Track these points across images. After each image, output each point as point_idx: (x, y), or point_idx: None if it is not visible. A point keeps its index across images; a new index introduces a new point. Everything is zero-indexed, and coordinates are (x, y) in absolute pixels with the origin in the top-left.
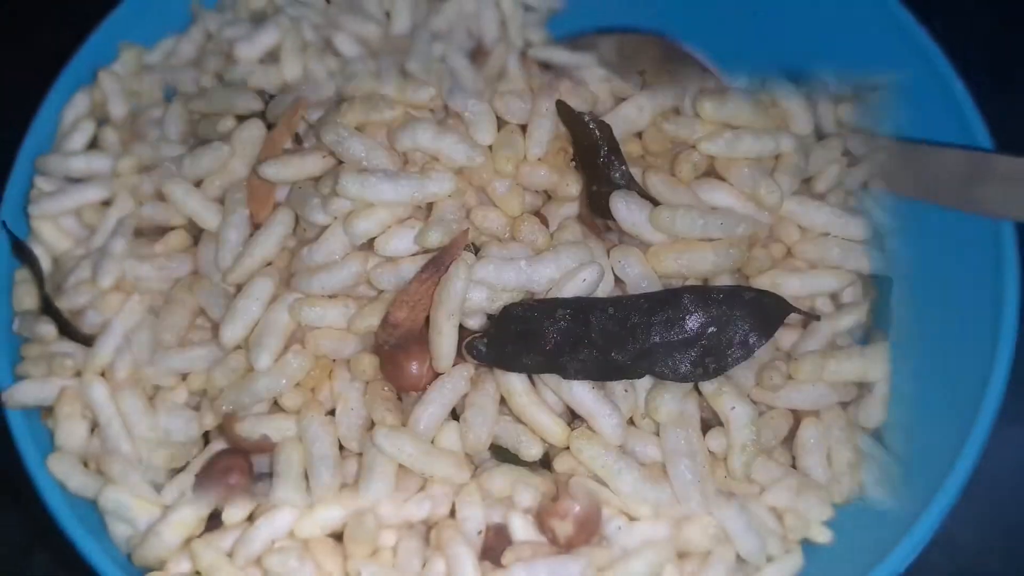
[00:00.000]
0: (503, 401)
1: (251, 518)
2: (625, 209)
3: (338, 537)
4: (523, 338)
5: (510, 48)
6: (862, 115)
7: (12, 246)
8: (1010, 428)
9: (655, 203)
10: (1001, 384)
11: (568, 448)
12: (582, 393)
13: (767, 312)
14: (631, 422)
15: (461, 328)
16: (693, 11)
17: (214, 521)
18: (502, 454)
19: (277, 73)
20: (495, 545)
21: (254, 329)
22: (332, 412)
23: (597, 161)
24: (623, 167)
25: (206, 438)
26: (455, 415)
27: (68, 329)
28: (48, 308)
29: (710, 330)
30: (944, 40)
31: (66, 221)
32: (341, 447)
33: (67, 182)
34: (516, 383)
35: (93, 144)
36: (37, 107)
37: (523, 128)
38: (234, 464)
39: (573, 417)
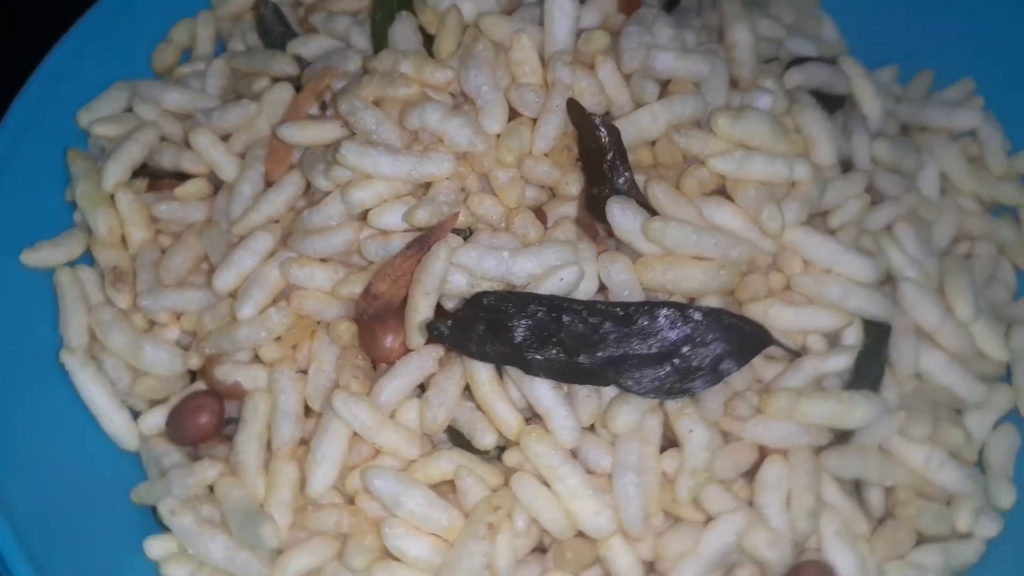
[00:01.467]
0: (469, 388)
1: None
2: (620, 215)
3: None
4: (491, 327)
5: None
6: (900, 154)
7: None
8: None
9: (654, 213)
10: None
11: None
12: (542, 391)
13: (745, 340)
14: (591, 429)
15: (440, 309)
16: None
17: None
18: (458, 439)
19: (315, 42)
20: None
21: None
22: (307, 371)
23: (602, 164)
24: (627, 173)
25: (195, 378)
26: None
27: None
28: None
29: (683, 349)
30: None
31: None
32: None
33: None
34: (482, 371)
35: None
36: None
37: (536, 122)
38: (206, 404)
39: (534, 414)
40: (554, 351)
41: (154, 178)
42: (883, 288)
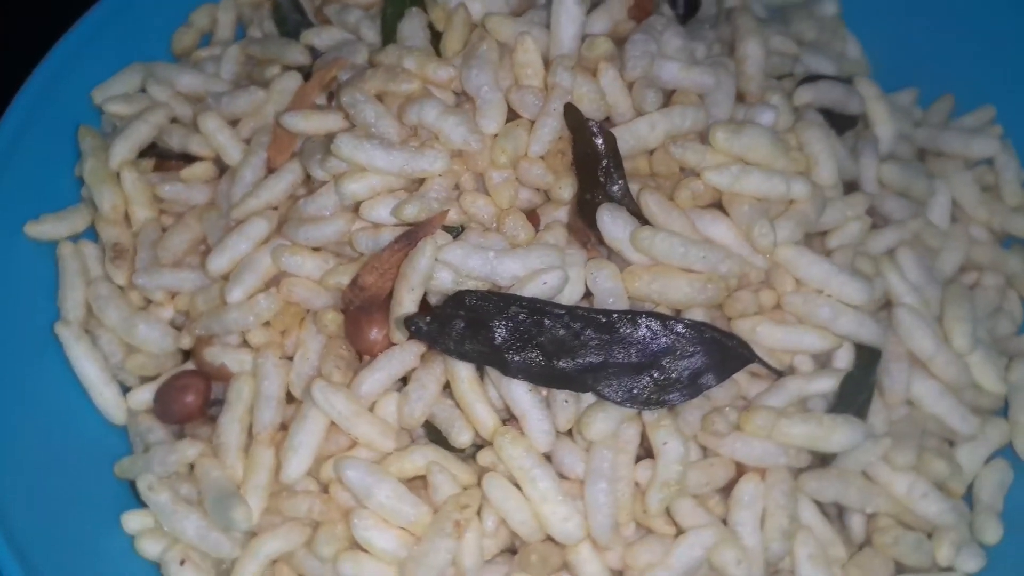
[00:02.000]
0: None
1: None
2: (610, 223)
3: None
4: (472, 326)
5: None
6: (910, 178)
7: None
8: None
9: (646, 223)
10: None
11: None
12: (519, 393)
13: (727, 355)
14: (569, 434)
15: (426, 306)
16: None
17: None
18: (435, 435)
19: (328, 33)
20: None
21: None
22: (293, 358)
23: (596, 171)
24: (621, 181)
25: (187, 357)
26: None
27: None
28: None
29: (663, 360)
30: None
31: None
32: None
33: None
34: (462, 370)
35: None
36: None
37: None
38: (193, 384)
39: (511, 415)
40: (533, 354)
41: (162, 158)
42: (880, 313)
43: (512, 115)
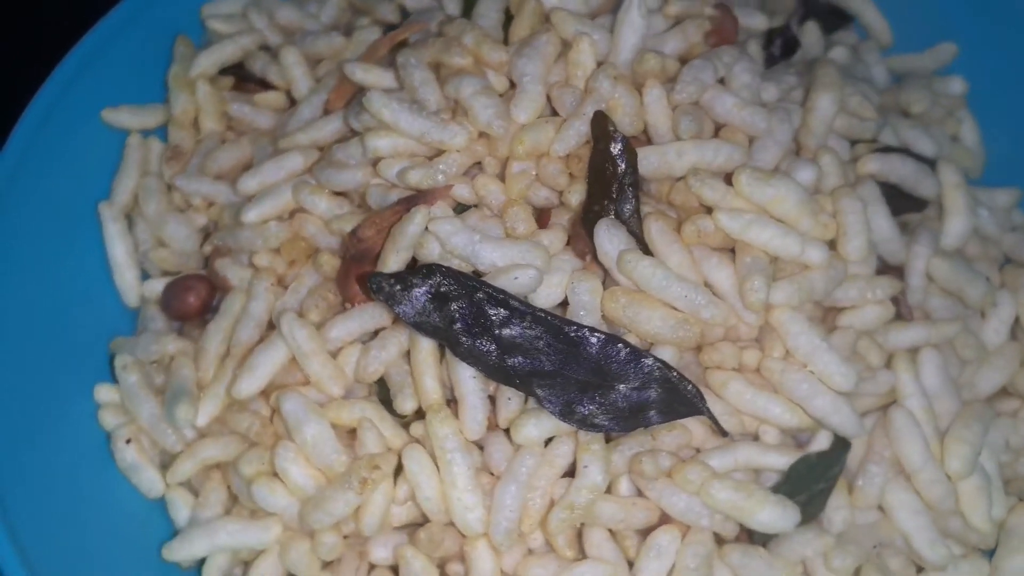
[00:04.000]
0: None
1: None
2: (606, 238)
3: None
4: (436, 300)
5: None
6: (964, 280)
7: None
8: None
9: (647, 248)
10: None
11: None
12: (464, 376)
13: (676, 399)
14: (507, 432)
15: None
16: None
17: None
18: (385, 394)
19: None
20: None
21: None
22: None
23: (612, 184)
24: (634, 200)
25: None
26: None
27: None
28: None
29: (612, 386)
30: None
31: None
32: None
33: None
34: (423, 340)
35: None
36: None
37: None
38: (197, 287)
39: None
40: (487, 344)
41: (242, 80)
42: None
43: (553, 113)
